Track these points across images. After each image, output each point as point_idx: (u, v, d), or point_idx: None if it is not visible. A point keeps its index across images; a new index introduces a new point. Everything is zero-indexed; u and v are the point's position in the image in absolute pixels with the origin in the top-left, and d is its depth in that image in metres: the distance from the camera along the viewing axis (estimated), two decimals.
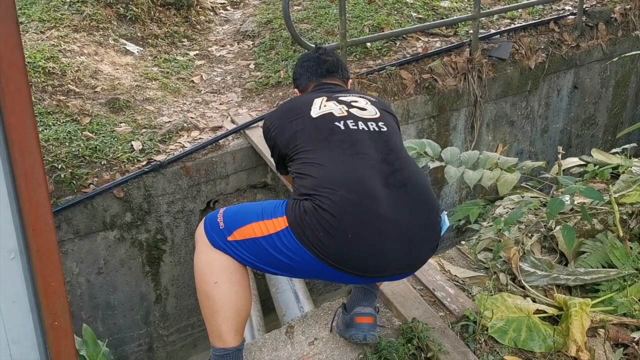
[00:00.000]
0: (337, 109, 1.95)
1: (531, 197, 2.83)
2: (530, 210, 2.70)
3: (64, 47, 3.98)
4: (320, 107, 1.97)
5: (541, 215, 2.70)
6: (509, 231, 2.54)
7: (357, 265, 1.70)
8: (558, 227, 2.59)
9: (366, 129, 1.90)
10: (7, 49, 0.92)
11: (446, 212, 1.92)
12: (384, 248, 1.70)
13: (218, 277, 1.76)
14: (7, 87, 0.93)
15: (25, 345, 1.13)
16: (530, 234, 2.62)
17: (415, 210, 1.76)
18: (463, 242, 2.69)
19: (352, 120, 1.91)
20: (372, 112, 1.99)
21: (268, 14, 5.05)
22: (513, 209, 2.71)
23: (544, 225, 2.67)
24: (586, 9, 4.92)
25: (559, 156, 2.84)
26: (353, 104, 2.00)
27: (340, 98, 2.02)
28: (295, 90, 2.32)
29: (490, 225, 2.66)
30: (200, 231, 1.84)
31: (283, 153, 1.96)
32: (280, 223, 1.72)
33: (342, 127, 1.89)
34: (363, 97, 2.07)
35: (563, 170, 2.88)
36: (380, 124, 1.94)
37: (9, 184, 1.00)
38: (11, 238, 1.04)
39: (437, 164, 2.77)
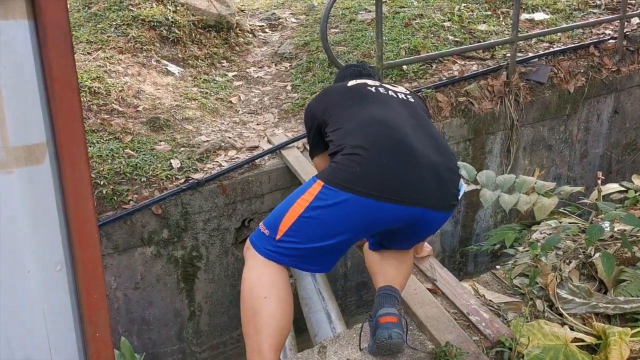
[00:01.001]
0: (370, 81, 2.23)
1: (569, 222, 2.77)
2: (568, 236, 2.65)
3: (109, 67, 4.12)
4: (355, 81, 2.26)
5: (580, 242, 2.65)
6: (546, 257, 2.50)
7: (396, 188, 1.82)
8: (597, 254, 2.53)
9: (395, 96, 2.16)
10: (61, 70, 0.96)
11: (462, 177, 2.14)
12: (417, 172, 1.86)
13: (268, 292, 1.81)
14: (60, 106, 0.97)
15: (67, 355, 1.16)
16: (568, 261, 2.56)
17: (439, 152, 1.96)
18: (498, 267, 2.65)
19: (383, 88, 2.18)
20: (402, 90, 2.28)
21: (305, 36, 5.13)
22: (550, 234, 2.67)
23: (583, 252, 2.61)
24: (627, 33, 4.85)
25: (599, 182, 2.79)
26: (386, 83, 2.28)
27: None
28: None
29: (526, 250, 2.62)
30: (248, 249, 1.92)
31: (321, 120, 2.16)
32: (315, 188, 1.84)
33: (374, 91, 2.15)
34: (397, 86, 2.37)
35: (603, 196, 2.81)
36: (408, 97, 2.22)
37: (58, 199, 1.04)
38: (58, 251, 1.07)
39: (472, 187, 2.75)
